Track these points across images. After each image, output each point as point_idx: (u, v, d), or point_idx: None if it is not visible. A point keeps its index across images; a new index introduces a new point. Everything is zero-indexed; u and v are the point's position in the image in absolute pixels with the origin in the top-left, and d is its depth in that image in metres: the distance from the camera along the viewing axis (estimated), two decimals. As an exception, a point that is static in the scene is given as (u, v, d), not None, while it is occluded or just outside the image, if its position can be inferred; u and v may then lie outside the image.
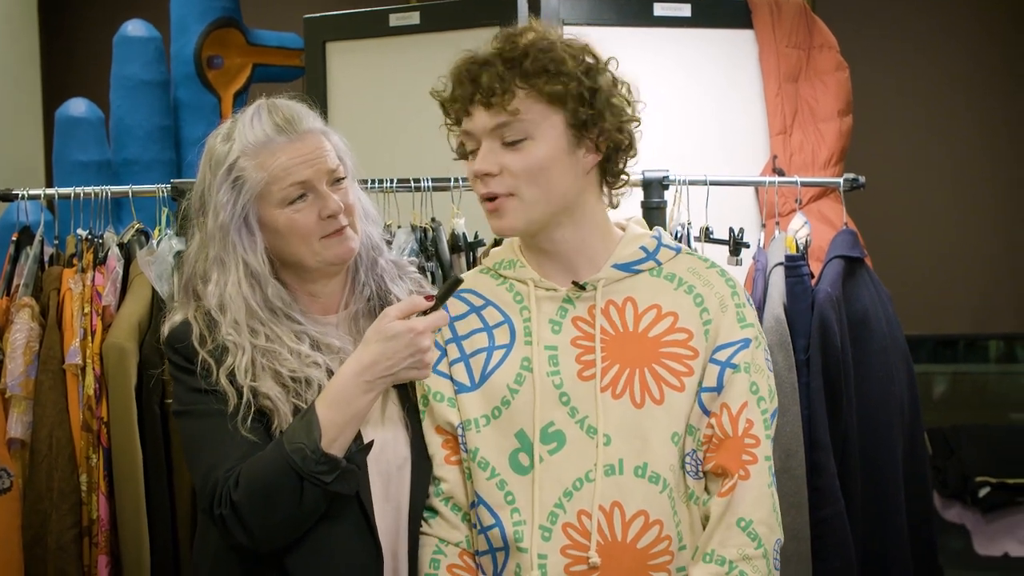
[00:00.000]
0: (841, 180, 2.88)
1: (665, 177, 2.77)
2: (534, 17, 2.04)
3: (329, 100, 3.59)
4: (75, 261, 2.79)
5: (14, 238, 2.87)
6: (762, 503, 1.94)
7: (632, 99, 1.98)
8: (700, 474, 1.97)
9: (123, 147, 4.38)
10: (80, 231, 2.83)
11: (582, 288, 1.99)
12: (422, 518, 2.04)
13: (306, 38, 3.72)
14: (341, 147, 2.07)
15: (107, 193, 2.86)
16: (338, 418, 1.90)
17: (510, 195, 1.93)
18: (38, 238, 2.83)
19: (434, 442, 2.04)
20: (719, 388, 1.96)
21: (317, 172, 2.00)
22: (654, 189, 2.77)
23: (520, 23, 1.99)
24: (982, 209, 5.35)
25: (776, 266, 2.69)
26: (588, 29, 2.95)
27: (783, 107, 3.44)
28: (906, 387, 2.80)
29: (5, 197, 2.91)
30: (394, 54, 3.53)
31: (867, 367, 2.71)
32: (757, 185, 3.18)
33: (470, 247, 2.83)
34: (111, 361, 2.64)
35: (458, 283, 1.97)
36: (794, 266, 2.68)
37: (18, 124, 5.38)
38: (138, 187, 2.94)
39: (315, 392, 1.96)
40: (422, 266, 2.62)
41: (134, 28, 4.42)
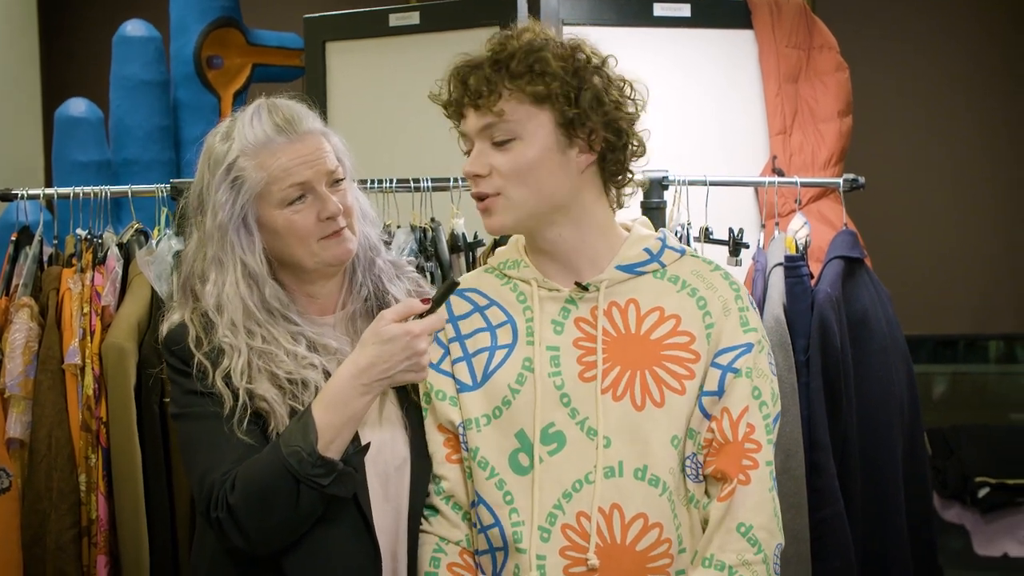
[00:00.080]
0: (841, 180, 2.88)
1: (665, 177, 2.77)
2: (533, 17, 2.04)
3: (329, 100, 3.59)
4: (74, 261, 2.79)
5: (13, 238, 2.86)
6: (763, 508, 1.94)
7: (632, 97, 1.97)
8: (700, 478, 1.96)
9: (123, 147, 4.38)
10: (79, 231, 2.82)
11: (585, 289, 1.99)
12: (422, 517, 2.03)
13: (306, 38, 3.73)
14: (340, 148, 2.06)
15: (106, 193, 2.85)
16: (335, 420, 1.89)
17: (498, 194, 1.94)
18: (37, 238, 2.83)
19: (435, 440, 2.04)
20: (720, 392, 1.95)
21: (317, 173, 1.99)
22: (654, 189, 2.77)
23: (520, 23, 1.99)
24: (982, 209, 5.35)
25: (776, 266, 2.69)
26: (588, 29, 2.93)
27: (783, 107, 3.44)
28: (906, 387, 2.80)
29: (5, 197, 2.91)
30: (394, 54, 3.52)
31: (867, 367, 2.71)
32: (757, 185, 3.18)
33: (469, 247, 2.83)
34: (110, 361, 2.64)
35: (454, 286, 1.97)
36: (794, 266, 2.68)
37: (18, 124, 5.37)
38: (137, 187, 2.94)
39: (312, 394, 1.95)
40: (421, 266, 2.62)
41: (134, 28, 4.42)
